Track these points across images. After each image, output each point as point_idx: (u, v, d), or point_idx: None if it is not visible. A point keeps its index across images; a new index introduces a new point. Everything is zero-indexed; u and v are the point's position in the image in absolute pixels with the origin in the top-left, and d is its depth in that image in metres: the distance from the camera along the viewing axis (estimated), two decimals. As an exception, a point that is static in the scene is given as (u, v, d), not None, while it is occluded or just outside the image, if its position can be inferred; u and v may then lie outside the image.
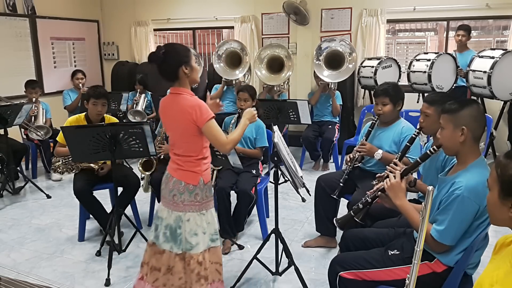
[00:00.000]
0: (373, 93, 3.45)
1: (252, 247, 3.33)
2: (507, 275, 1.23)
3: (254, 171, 3.48)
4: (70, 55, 6.93)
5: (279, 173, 2.65)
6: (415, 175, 2.60)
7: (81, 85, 5.70)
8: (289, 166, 2.44)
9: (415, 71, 5.02)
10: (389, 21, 6.00)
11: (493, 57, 4.28)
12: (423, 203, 1.54)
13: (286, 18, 6.31)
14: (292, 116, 4.46)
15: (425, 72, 4.82)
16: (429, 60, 4.86)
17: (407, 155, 2.71)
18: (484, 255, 1.95)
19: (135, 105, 5.78)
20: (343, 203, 3.15)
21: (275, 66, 5.57)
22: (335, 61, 5.36)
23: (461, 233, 1.86)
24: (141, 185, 3.60)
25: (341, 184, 3.06)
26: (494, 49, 4.53)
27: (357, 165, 3.11)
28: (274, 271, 2.76)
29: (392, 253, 2.06)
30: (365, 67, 5.63)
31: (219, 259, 2.41)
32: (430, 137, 2.98)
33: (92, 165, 3.47)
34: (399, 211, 2.05)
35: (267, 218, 3.74)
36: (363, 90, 6.01)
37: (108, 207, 3.49)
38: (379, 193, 2.17)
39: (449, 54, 4.99)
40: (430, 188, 1.51)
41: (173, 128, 2.32)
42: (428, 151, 2.09)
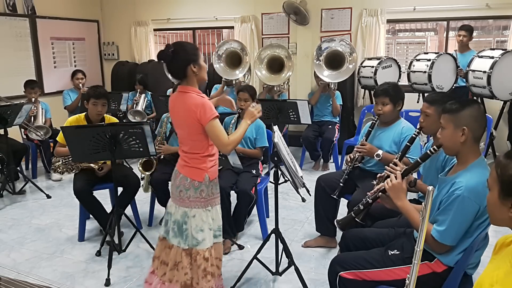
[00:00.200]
0: (373, 93, 3.45)
1: (252, 247, 3.33)
2: (507, 275, 1.23)
3: (254, 171, 3.49)
4: (70, 55, 6.93)
5: (279, 173, 2.65)
6: (415, 175, 2.60)
7: (81, 85, 5.70)
8: (289, 166, 2.44)
9: (415, 71, 5.02)
10: (389, 21, 6.00)
11: (492, 57, 4.28)
12: (423, 203, 1.54)
13: (286, 18, 6.31)
14: (292, 116, 4.46)
15: (425, 72, 4.82)
16: (429, 60, 4.85)
17: (407, 155, 2.71)
18: (484, 255, 1.95)
19: (135, 105, 5.78)
20: (343, 203, 3.14)
21: (275, 66, 5.56)
22: (335, 61, 5.36)
23: (462, 233, 1.86)
24: (141, 185, 3.60)
25: (341, 184, 3.06)
26: (494, 49, 4.54)
27: (357, 165, 3.11)
28: (274, 271, 2.76)
29: (392, 253, 2.06)
30: (365, 67, 5.62)
31: (220, 254, 2.46)
32: (430, 137, 2.98)
33: (92, 165, 3.47)
34: (400, 212, 2.05)
35: (267, 218, 3.74)
36: (363, 90, 6.00)
37: (108, 207, 3.49)
38: (380, 193, 2.17)
39: (449, 54, 4.99)
40: (430, 188, 1.51)
41: (180, 126, 2.36)
42: (428, 151, 2.09)
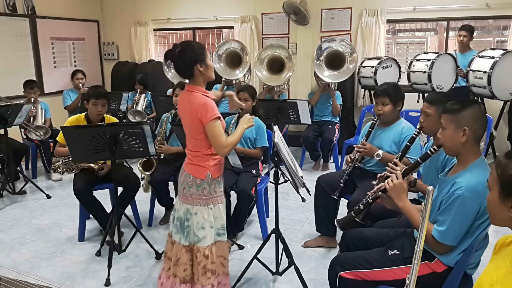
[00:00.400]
0: (373, 93, 3.45)
1: (252, 247, 3.33)
2: (507, 275, 1.23)
3: (254, 171, 3.49)
4: (70, 55, 6.93)
5: (279, 173, 2.65)
6: (415, 175, 2.60)
7: (81, 85, 5.69)
8: (289, 166, 2.44)
9: (415, 71, 5.02)
10: (389, 21, 6.00)
11: (493, 57, 4.28)
12: (423, 203, 1.54)
13: (286, 18, 6.31)
14: (292, 116, 4.46)
15: (425, 72, 4.82)
16: (429, 60, 4.86)
17: (407, 155, 2.71)
18: (484, 255, 1.95)
19: (135, 105, 5.79)
20: (343, 203, 3.14)
21: (276, 66, 5.56)
22: (336, 61, 5.36)
23: (463, 233, 1.86)
24: (141, 185, 3.60)
25: (342, 184, 3.06)
26: (494, 49, 4.54)
27: (357, 165, 3.11)
28: (274, 271, 2.76)
29: (392, 253, 2.06)
30: (365, 67, 5.62)
31: (224, 253, 2.49)
32: (430, 137, 2.98)
33: (92, 165, 3.47)
34: (401, 212, 2.05)
35: (267, 218, 3.74)
36: (363, 90, 6.00)
37: (108, 207, 3.49)
38: (380, 193, 2.16)
39: (449, 54, 4.99)
40: (430, 188, 1.51)
41: (185, 124, 2.40)
42: (428, 151, 2.09)
